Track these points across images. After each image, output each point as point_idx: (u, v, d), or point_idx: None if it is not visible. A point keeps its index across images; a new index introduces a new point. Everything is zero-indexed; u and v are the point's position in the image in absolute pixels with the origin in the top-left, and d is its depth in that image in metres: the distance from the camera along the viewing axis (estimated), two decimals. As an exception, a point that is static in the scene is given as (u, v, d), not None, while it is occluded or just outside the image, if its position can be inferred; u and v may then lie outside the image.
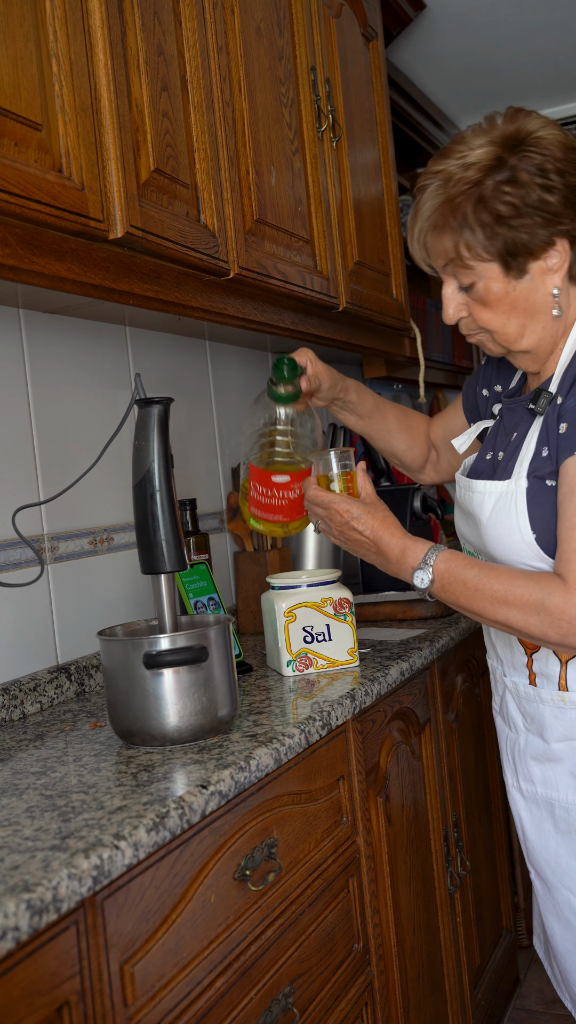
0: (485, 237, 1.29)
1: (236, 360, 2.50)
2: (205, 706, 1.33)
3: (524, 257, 1.31)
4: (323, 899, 1.46)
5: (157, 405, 1.36)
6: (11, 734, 1.51)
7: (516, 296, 1.33)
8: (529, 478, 1.33)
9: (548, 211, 1.29)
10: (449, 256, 1.34)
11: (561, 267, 1.33)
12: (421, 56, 3.30)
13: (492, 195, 1.28)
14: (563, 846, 1.46)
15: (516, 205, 1.28)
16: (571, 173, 1.30)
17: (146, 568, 1.37)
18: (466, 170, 1.30)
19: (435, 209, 1.33)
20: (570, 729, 1.41)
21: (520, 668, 1.47)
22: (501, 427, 1.49)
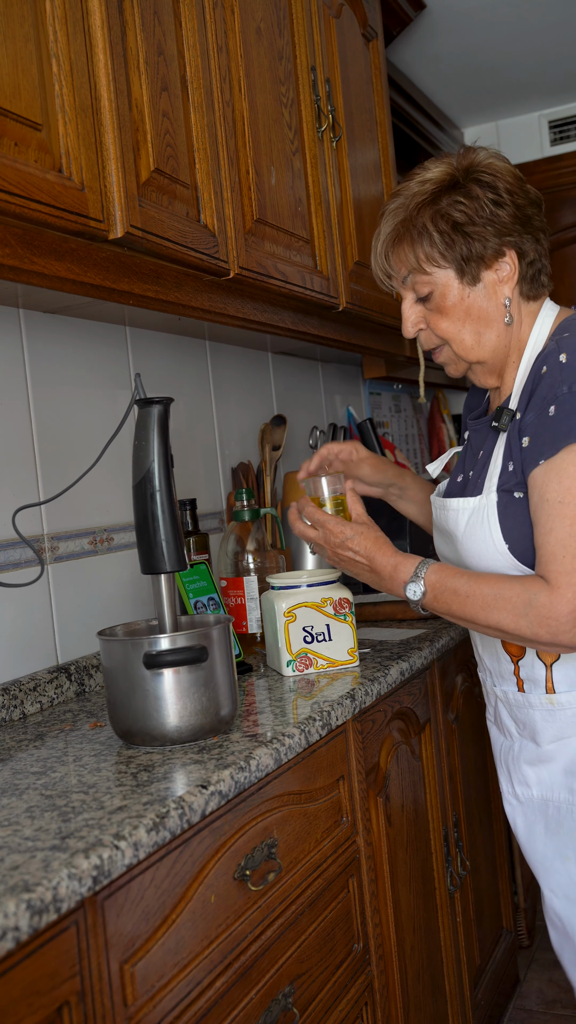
0: (443, 243, 1.40)
1: (236, 360, 2.49)
2: (205, 706, 1.33)
3: (477, 264, 1.40)
4: (323, 899, 1.46)
5: (157, 405, 1.36)
6: (11, 734, 1.51)
7: (470, 303, 1.42)
8: (498, 492, 1.39)
9: (498, 223, 1.39)
10: (410, 265, 1.43)
11: (511, 278, 1.42)
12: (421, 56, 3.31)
13: (448, 205, 1.40)
14: (550, 846, 1.49)
15: (470, 215, 1.39)
16: (519, 195, 1.42)
17: (146, 568, 1.37)
18: (423, 185, 1.42)
19: (397, 224, 1.44)
20: (561, 729, 1.45)
21: (508, 676, 1.51)
22: (469, 448, 1.56)
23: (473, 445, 1.54)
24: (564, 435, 1.29)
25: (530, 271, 1.44)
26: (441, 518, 1.51)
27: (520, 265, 1.43)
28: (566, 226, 4.03)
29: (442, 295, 1.43)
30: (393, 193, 1.48)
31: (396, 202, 1.45)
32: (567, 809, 1.46)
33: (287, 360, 2.77)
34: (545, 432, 1.32)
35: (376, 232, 1.49)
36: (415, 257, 1.43)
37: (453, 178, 1.41)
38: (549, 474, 1.30)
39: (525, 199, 1.43)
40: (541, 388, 1.35)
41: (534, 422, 1.35)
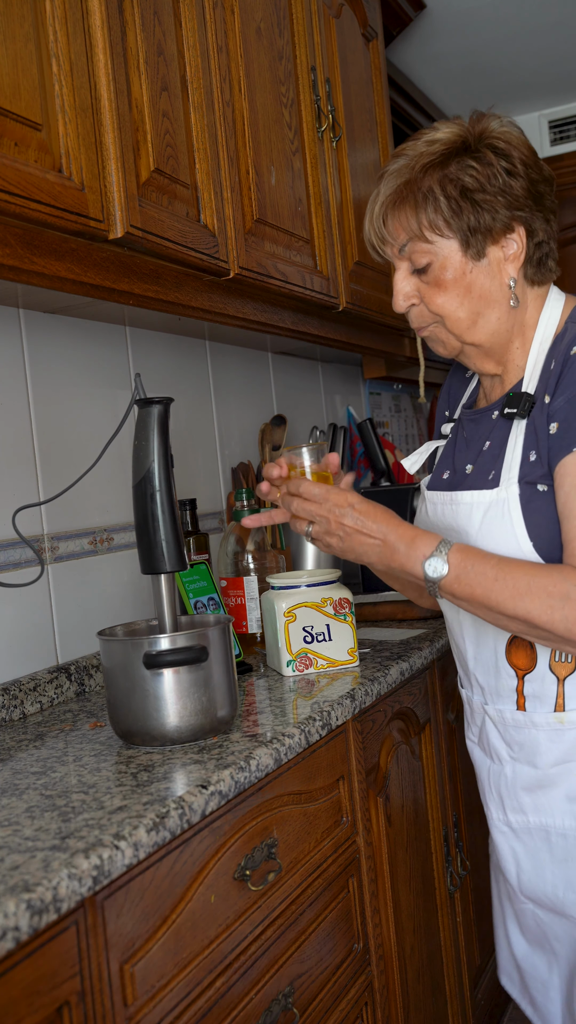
0: (449, 210, 1.29)
1: (236, 360, 2.49)
2: (205, 706, 1.33)
3: (484, 237, 1.30)
4: (323, 899, 1.46)
5: (157, 405, 1.36)
6: (11, 734, 1.51)
7: (472, 279, 1.32)
8: (520, 484, 1.29)
9: (511, 194, 1.30)
10: (411, 231, 1.32)
11: (518, 257, 1.33)
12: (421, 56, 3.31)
13: (458, 169, 1.29)
14: (560, 877, 1.38)
15: (481, 182, 1.28)
16: (534, 169, 1.32)
17: (146, 568, 1.37)
18: (431, 145, 1.31)
19: (400, 185, 1.32)
20: (566, 752, 1.34)
21: (506, 693, 1.38)
22: (458, 442, 1.45)
23: (468, 437, 1.43)
24: None
25: (537, 253, 1.34)
26: (446, 513, 1.39)
27: (528, 244, 1.33)
28: (566, 226, 4.02)
29: (442, 267, 1.31)
30: (395, 153, 1.35)
31: (399, 162, 1.33)
32: (575, 837, 1.36)
33: (287, 360, 2.77)
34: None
35: (373, 193, 1.36)
36: (417, 223, 1.31)
37: (465, 141, 1.30)
38: None
39: (540, 175, 1.33)
40: (573, 370, 1.25)
41: (564, 407, 1.24)
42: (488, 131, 1.31)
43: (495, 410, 1.38)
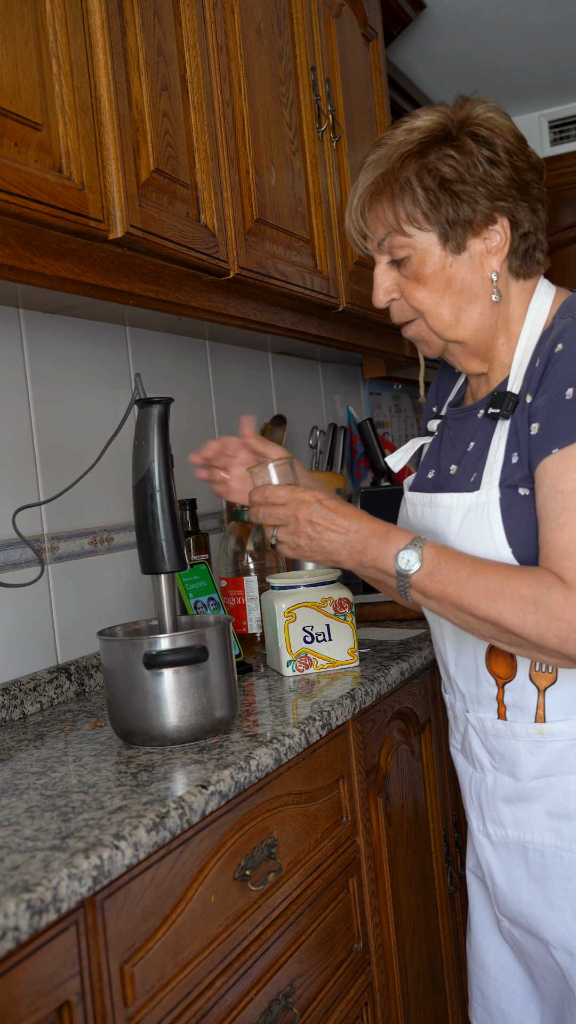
0: (427, 202, 1.24)
1: (236, 360, 2.50)
2: (205, 706, 1.33)
3: (464, 229, 1.25)
4: (323, 899, 1.46)
5: (157, 405, 1.36)
6: (11, 734, 1.51)
7: (452, 273, 1.27)
8: (501, 488, 1.24)
9: (492, 184, 1.24)
10: (388, 225, 1.28)
11: (501, 250, 1.27)
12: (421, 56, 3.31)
13: (437, 159, 1.24)
14: (537, 895, 1.32)
15: (460, 172, 1.23)
16: (519, 157, 1.26)
17: (146, 568, 1.37)
18: (410, 134, 1.26)
19: (377, 176, 1.27)
20: (547, 765, 1.28)
21: (487, 701, 1.33)
22: (444, 441, 1.40)
23: (453, 437, 1.38)
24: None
25: (523, 245, 1.29)
26: (425, 516, 1.34)
27: (512, 236, 1.27)
28: (566, 226, 4.03)
29: (421, 261, 1.27)
30: (375, 142, 1.30)
31: (378, 152, 1.28)
32: (553, 854, 1.30)
33: (287, 360, 2.77)
34: (561, 418, 1.17)
35: (353, 186, 1.32)
36: (394, 216, 1.26)
37: (445, 129, 1.25)
38: (567, 462, 1.15)
39: (525, 163, 1.27)
40: (556, 368, 1.20)
41: (546, 406, 1.20)
42: (471, 118, 1.26)
43: (480, 409, 1.34)
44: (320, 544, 1.26)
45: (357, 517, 1.25)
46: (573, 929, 1.29)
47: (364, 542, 1.24)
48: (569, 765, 1.27)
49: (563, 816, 1.29)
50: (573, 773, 1.27)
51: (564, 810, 1.28)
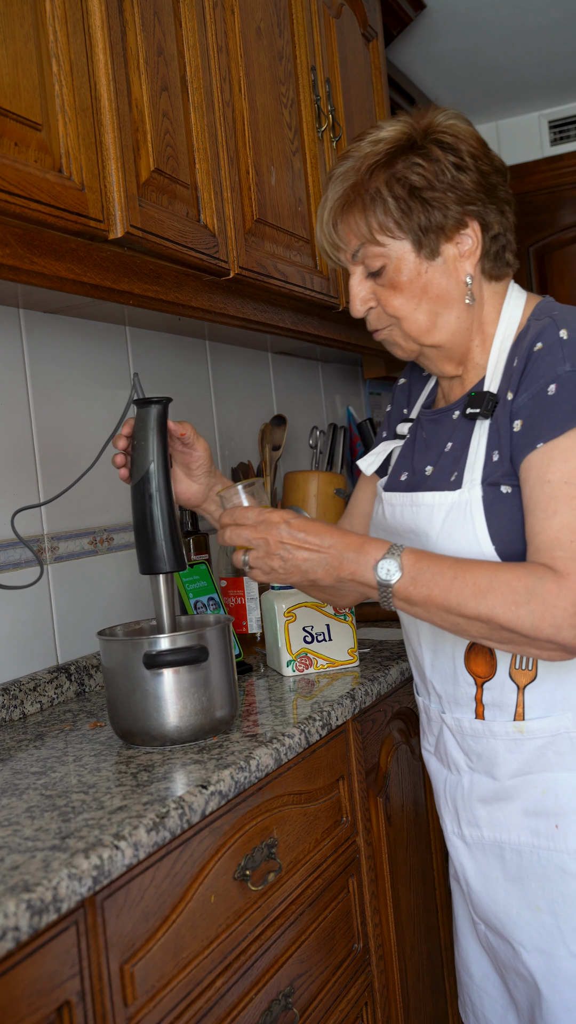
0: (399, 211, 1.25)
1: (236, 360, 2.50)
2: (205, 706, 1.33)
3: (437, 235, 1.26)
4: (323, 899, 1.46)
5: (156, 405, 1.36)
6: (11, 734, 1.51)
7: (428, 279, 1.28)
8: (483, 486, 1.24)
9: (461, 189, 1.26)
10: (361, 235, 1.28)
11: (473, 253, 1.29)
12: (421, 56, 3.31)
13: (405, 168, 1.25)
14: (513, 895, 1.32)
15: (429, 179, 1.24)
16: (483, 160, 1.28)
17: (145, 568, 1.37)
18: (376, 145, 1.27)
19: (347, 188, 1.28)
20: (526, 763, 1.29)
21: (465, 702, 1.34)
22: (417, 443, 1.41)
23: (428, 438, 1.38)
24: (570, 416, 1.16)
25: (494, 247, 1.30)
26: (406, 515, 1.34)
27: (483, 239, 1.29)
28: (566, 226, 4.02)
29: (396, 269, 1.27)
30: (342, 155, 1.31)
31: (346, 164, 1.29)
32: (530, 853, 1.30)
33: (287, 360, 2.77)
34: (544, 414, 1.18)
35: (322, 199, 1.32)
36: (367, 226, 1.27)
37: (410, 138, 1.26)
38: (552, 454, 1.16)
39: (490, 166, 1.29)
40: (537, 367, 1.21)
41: (529, 403, 1.21)
42: (434, 125, 1.27)
43: (456, 410, 1.34)
44: (294, 564, 1.23)
45: (328, 533, 1.23)
46: (551, 928, 1.29)
47: (339, 557, 1.22)
48: (547, 762, 1.28)
49: (540, 814, 1.29)
50: (551, 770, 1.28)
51: (541, 808, 1.29)
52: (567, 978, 1.28)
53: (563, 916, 1.28)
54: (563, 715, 1.27)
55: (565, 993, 1.28)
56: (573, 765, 1.27)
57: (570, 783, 1.27)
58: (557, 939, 1.29)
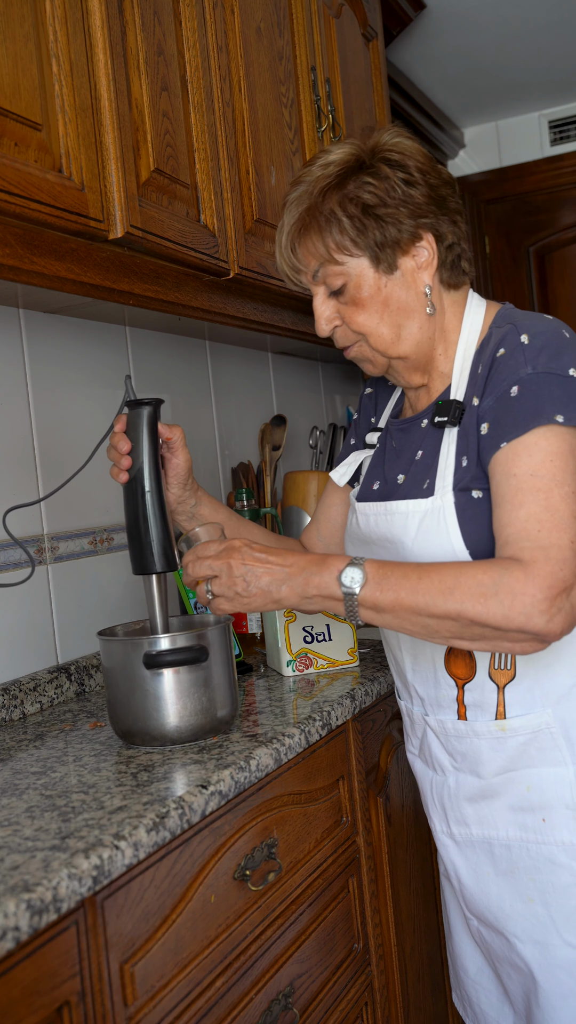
0: (354, 229, 1.28)
1: (236, 360, 2.50)
2: (205, 706, 1.33)
3: (393, 250, 1.29)
4: (323, 899, 1.46)
5: (147, 406, 1.36)
6: (11, 734, 1.51)
7: (388, 293, 1.31)
8: (455, 492, 1.26)
9: (412, 203, 1.29)
10: (320, 256, 1.31)
11: (430, 264, 1.32)
12: (421, 56, 3.31)
13: (356, 188, 1.28)
14: (505, 889, 1.35)
15: (381, 196, 1.27)
16: (431, 174, 1.31)
17: (137, 569, 1.37)
18: (327, 168, 1.30)
19: (302, 212, 1.31)
20: (510, 760, 1.31)
21: (447, 703, 1.36)
22: (387, 452, 1.43)
23: (398, 447, 1.41)
24: (532, 416, 1.18)
25: (449, 256, 1.33)
26: (380, 524, 1.36)
27: (439, 249, 1.32)
28: (566, 226, 4.02)
29: (357, 286, 1.30)
30: (293, 181, 1.34)
31: (299, 189, 1.32)
32: (519, 847, 1.32)
33: (287, 360, 2.77)
34: (508, 415, 1.21)
35: (279, 225, 1.35)
36: (324, 247, 1.29)
37: (359, 159, 1.29)
38: (517, 449, 1.19)
39: (438, 179, 1.32)
40: (500, 371, 1.24)
41: (494, 407, 1.23)
42: (380, 145, 1.31)
43: (424, 419, 1.37)
44: (257, 586, 1.23)
45: (290, 553, 1.24)
46: (543, 918, 1.32)
47: (302, 573, 1.22)
48: (530, 759, 1.31)
49: (526, 809, 1.32)
50: (534, 766, 1.31)
51: (527, 803, 1.31)
52: (562, 966, 1.31)
53: (554, 906, 1.31)
54: (543, 711, 1.29)
55: (561, 981, 1.31)
56: (556, 760, 1.29)
57: (554, 777, 1.30)
58: (550, 929, 1.31)
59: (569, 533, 1.14)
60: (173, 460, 1.43)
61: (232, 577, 1.23)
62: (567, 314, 4.02)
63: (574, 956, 1.30)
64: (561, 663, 1.29)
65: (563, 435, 1.18)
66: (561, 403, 1.18)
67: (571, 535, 1.14)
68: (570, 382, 1.20)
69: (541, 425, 1.18)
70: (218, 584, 1.24)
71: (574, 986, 1.30)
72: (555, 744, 1.29)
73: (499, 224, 4.11)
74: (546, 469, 1.16)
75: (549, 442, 1.17)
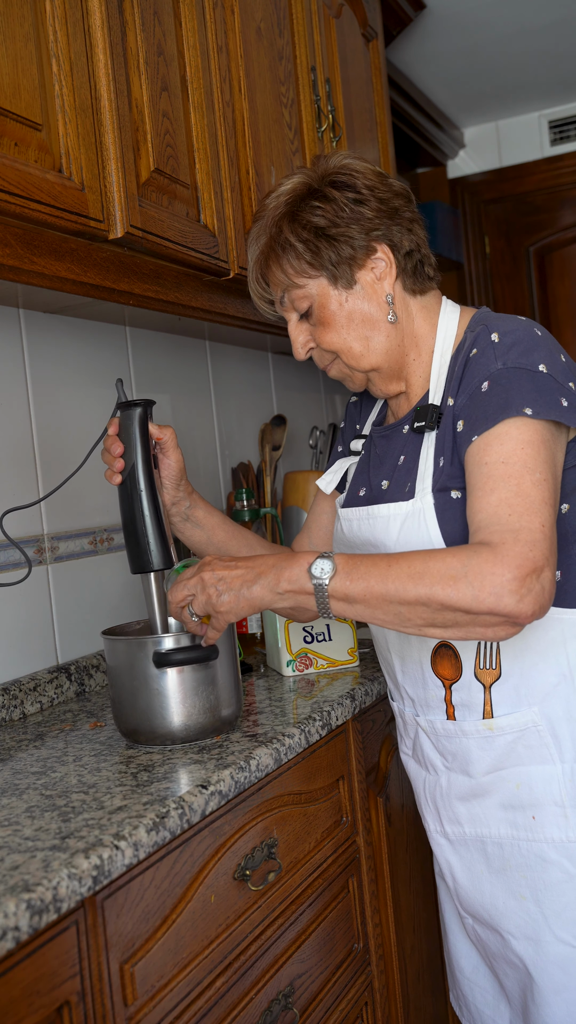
0: (308, 252, 1.33)
1: (236, 360, 2.50)
2: (212, 705, 1.33)
3: (349, 266, 1.34)
4: (323, 899, 1.46)
5: (138, 407, 1.37)
6: (11, 734, 1.51)
7: (351, 308, 1.35)
8: (434, 493, 1.29)
9: (363, 219, 1.33)
10: (283, 284, 1.37)
11: (389, 273, 1.35)
12: (421, 56, 3.30)
13: (307, 213, 1.33)
14: (498, 886, 1.36)
15: (330, 218, 1.33)
16: (381, 189, 1.35)
17: (135, 567, 1.37)
18: (279, 199, 1.36)
19: (263, 246, 1.37)
20: (498, 759, 1.33)
21: (435, 704, 1.37)
22: (372, 459, 1.45)
23: (379, 453, 1.44)
24: (501, 408, 1.20)
25: (409, 263, 1.37)
26: (363, 528, 1.39)
27: (396, 258, 1.35)
28: (566, 226, 4.02)
29: (321, 306, 1.35)
30: (254, 217, 1.42)
31: (257, 225, 1.39)
32: (511, 845, 1.34)
33: (287, 360, 2.77)
34: (478, 409, 1.23)
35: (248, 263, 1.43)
36: (284, 273, 1.36)
37: (308, 186, 1.35)
38: (488, 440, 1.20)
39: (389, 192, 1.36)
40: (472, 369, 1.27)
41: (467, 404, 1.26)
42: (328, 169, 1.36)
43: (405, 425, 1.39)
44: (232, 592, 1.24)
45: (259, 556, 1.27)
46: (535, 916, 1.33)
47: (272, 569, 1.23)
48: (519, 757, 1.32)
49: (516, 807, 1.33)
50: (523, 764, 1.32)
51: (517, 801, 1.33)
52: (555, 962, 1.32)
53: (546, 903, 1.32)
54: (529, 709, 1.30)
55: (555, 976, 1.32)
56: (543, 757, 1.30)
57: (542, 775, 1.31)
58: (542, 925, 1.32)
59: (540, 516, 1.15)
60: (165, 461, 1.44)
61: (206, 590, 1.25)
62: (567, 314, 4.02)
63: (566, 952, 1.31)
64: (546, 661, 1.30)
65: (533, 426, 1.20)
66: (530, 397, 1.20)
67: (542, 519, 1.15)
68: (539, 377, 1.22)
69: (510, 417, 1.20)
70: (197, 602, 1.26)
71: (567, 981, 1.31)
72: (543, 742, 1.30)
73: (499, 224, 4.11)
74: (516, 457, 1.18)
75: (520, 431, 1.19)
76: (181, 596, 1.28)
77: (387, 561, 1.18)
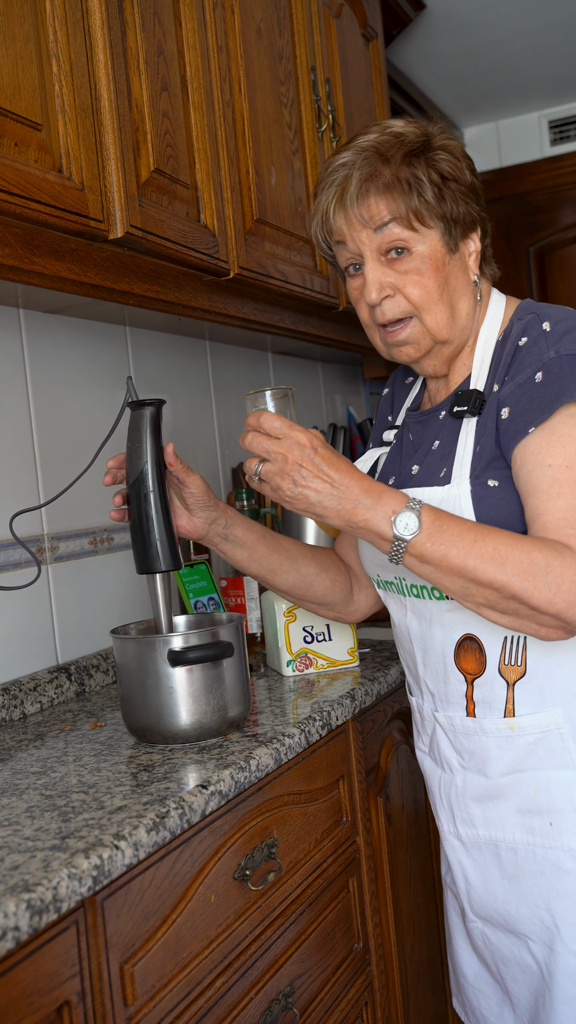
0: (435, 196, 1.28)
1: (236, 360, 2.50)
2: (223, 703, 1.34)
3: (460, 229, 1.31)
4: (323, 899, 1.46)
5: (149, 407, 1.37)
6: (11, 734, 1.51)
7: (449, 272, 1.31)
8: (471, 481, 1.26)
9: (475, 192, 1.33)
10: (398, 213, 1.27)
11: (477, 254, 1.35)
12: (421, 56, 3.31)
13: (435, 158, 1.30)
14: (512, 892, 1.33)
15: (454, 173, 1.30)
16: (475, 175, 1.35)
17: (141, 568, 1.37)
18: (400, 137, 1.29)
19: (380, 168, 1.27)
20: (517, 760, 1.29)
21: (456, 699, 1.34)
22: (404, 447, 1.43)
23: (415, 440, 1.40)
24: (555, 396, 1.19)
25: (486, 253, 1.38)
26: None
27: (483, 243, 1.36)
28: (566, 226, 4.03)
29: (424, 257, 1.28)
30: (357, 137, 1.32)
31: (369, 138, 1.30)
32: (525, 851, 1.31)
33: (287, 360, 2.77)
34: (533, 399, 1.21)
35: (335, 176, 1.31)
36: (405, 206, 1.27)
37: (427, 137, 1.31)
38: (550, 438, 1.19)
39: (480, 182, 1.36)
40: (523, 358, 1.25)
41: (516, 392, 1.24)
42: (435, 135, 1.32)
43: (442, 410, 1.36)
44: (303, 492, 1.18)
45: (350, 473, 1.18)
46: (549, 924, 1.30)
47: (354, 501, 1.17)
48: (539, 760, 1.28)
49: (533, 812, 1.30)
50: (543, 768, 1.28)
51: (535, 806, 1.29)
52: (566, 973, 1.29)
53: (559, 913, 1.29)
54: (552, 711, 1.27)
55: (565, 987, 1.30)
56: (564, 763, 1.27)
57: (562, 780, 1.28)
58: (555, 935, 1.30)
59: None
60: (187, 489, 1.38)
61: (283, 471, 1.18)
62: (567, 314, 4.02)
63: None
64: (574, 661, 1.27)
65: None
66: None
67: None
68: None
69: (565, 404, 1.19)
70: (268, 469, 1.19)
71: None
72: (564, 746, 1.27)
73: (499, 224, 4.11)
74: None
75: None
76: (259, 451, 1.20)
77: (473, 534, 1.15)
